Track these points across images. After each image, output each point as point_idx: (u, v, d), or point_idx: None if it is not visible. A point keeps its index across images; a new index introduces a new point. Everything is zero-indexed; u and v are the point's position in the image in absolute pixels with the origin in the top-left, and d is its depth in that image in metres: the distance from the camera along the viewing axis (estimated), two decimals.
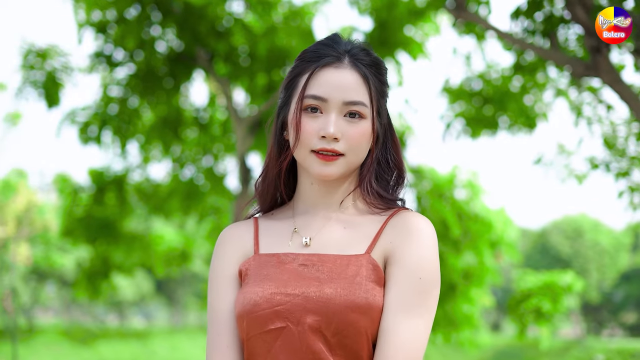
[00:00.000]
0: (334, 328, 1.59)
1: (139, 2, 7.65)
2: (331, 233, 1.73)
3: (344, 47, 1.75)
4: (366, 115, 1.70)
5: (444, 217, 7.56)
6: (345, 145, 1.69)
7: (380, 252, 1.65)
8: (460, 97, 7.32)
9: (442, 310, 7.48)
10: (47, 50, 8.57)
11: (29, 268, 34.91)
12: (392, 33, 7.44)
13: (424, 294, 1.60)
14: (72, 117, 8.83)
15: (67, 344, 32.66)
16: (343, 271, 1.63)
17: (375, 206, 1.74)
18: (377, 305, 1.59)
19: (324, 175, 1.71)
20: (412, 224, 1.65)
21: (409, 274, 1.60)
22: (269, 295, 1.67)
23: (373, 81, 1.73)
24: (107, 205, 9.52)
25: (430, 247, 1.63)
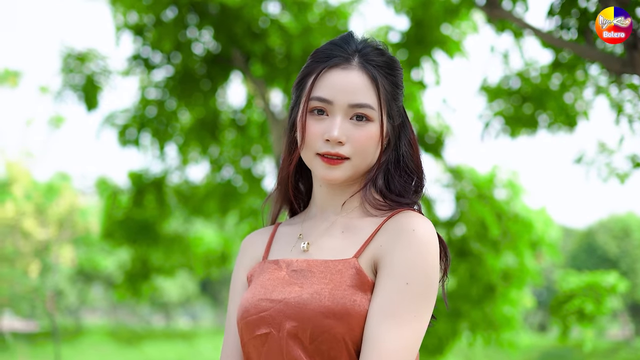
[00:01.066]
0: (309, 334, 1.56)
1: (176, 4, 7.67)
2: (330, 237, 1.70)
3: (354, 47, 1.70)
4: (374, 118, 1.66)
5: (483, 218, 7.47)
6: (351, 148, 1.65)
7: (370, 256, 1.60)
8: (499, 96, 7.22)
9: (482, 311, 7.39)
10: (86, 54, 8.66)
11: (75, 269, 35.38)
12: (428, 32, 7.37)
13: (411, 300, 1.53)
14: (111, 120, 8.90)
15: (113, 344, 33.04)
16: (325, 276, 1.60)
17: (378, 208, 1.68)
18: (356, 312, 1.54)
19: (329, 179, 1.68)
20: (404, 226, 1.59)
21: (395, 279, 1.54)
22: (256, 302, 1.66)
23: (383, 82, 1.68)
24: (147, 207, 9.58)
25: (420, 250, 1.56)
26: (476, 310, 7.39)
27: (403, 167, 1.74)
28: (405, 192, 1.74)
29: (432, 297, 1.56)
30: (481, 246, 7.53)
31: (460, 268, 7.54)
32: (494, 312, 7.41)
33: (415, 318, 1.53)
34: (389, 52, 1.75)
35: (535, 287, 8.98)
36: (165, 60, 8.35)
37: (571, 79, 6.74)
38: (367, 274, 1.59)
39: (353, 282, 1.57)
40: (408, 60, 7.59)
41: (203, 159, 9.57)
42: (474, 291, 7.35)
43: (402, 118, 1.76)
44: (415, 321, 1.53)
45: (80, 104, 8.72)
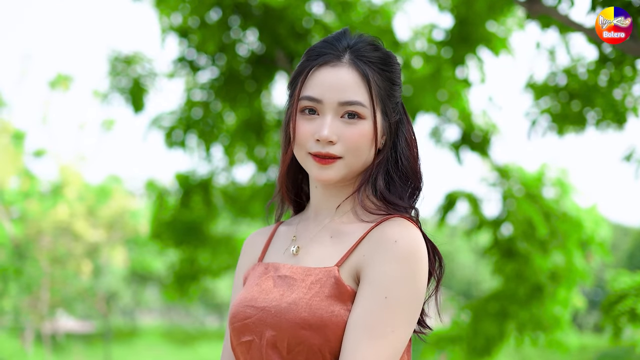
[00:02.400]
0: (287, 344, 1.54)
1: (219, 5, 7.71)
2: (318, 242, 1.67)
3: (345, 44, 1.67)
4: (366, 115, 1.62)
5: (530, 217, 7.36)
6: (343, 147, 1.62)
7: (352, 265, 1.57)
8: (545, 93, 7.10)
9: (529, 312, 7.29)
10: (132, 57, 8.75)
11: (129, 271, 35.82)
12: (472, 29, 7.29)
13: (389, 315, 1.49)
14: (157, 122, 8.97)
15: (167, 345, 33.40)
16: (306, 285, 1.57)
17: (371, 213, 1.64)
18: (333, 323, 1.51)
19: (322, 179, 1.64)
20: (386, 236, 1.54)
21: (374, 292, 1.50)
22: (242, 308, 1.65)
23: (375, 79, 1.64)
24: (194, 209, 9.63)
25: (401, 263, 1.51)
26: (523, 311, 7.29)
27: (402, 167, 1.69)
28: (403, 195, 1.68)
29: (413, 311, 1.52)
30: (528, 246, 7.42)
31: (506, 268, 7.45)
32: (542, 312, 7.31)
33: (392, 333, 1.49)
34: (383, 48, 1.72)
35: (585, 287, 8.83)
36: (210, 62, 8.39)
37: (619, 74, 6.60)
38: (348, 283, 1.55)
39: (332, 292, 1.53)
40: (452, 58, 7.52)
41: (249, 160, 9.60)
42: (521, 291, 7.25)
43: (400, 115, 1.71)
44: (393, 336, 1.49)
45: (127, 107, 8.82)
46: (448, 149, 8.68)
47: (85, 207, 27.41)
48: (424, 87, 7.78)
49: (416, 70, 8.02)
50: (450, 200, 7.79)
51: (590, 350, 29.40)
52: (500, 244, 7.60)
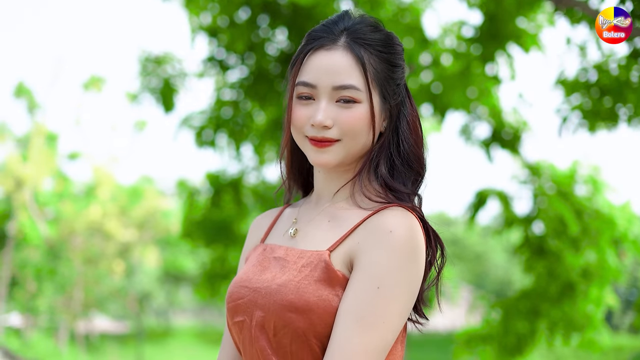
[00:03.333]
0: (273, 326, 1.53)
1: (248, 5, 7.73)
2: (316, 226, 1.67)
3: (342, 26, 1.64)
4: (361, 99, 1.60)
5: (562, 215, 7.30)
6: (339, 131, 1.60)
7: (346, 251, 1.55)
8: (576, 90, 7.03)
9: (561, 310, 7.22)
10: (162, 57, 8.81)
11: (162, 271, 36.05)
12: (502, 26, 7.24)
13: (381, 305, 1.47)
14: (188, 121, 9.02)
15: (200, 345, 33.56)
16: (297, 268, 1.56)
17: (370, 199, 1.62)
18: (320, 307, 1.50)
19: (319, 163, 1.63)
20: (382, 225, 1.52)
21: (366, 281, 1.48)
22: (237, 288, 1.66)
23: (372, 61, 1.62)
24: (224, 208, 9.66)
25: (395, 253, 1.50)
26: (555, 309, 7.22)
27: (404, 152, 1.66)
28: (407, 181, 1.66)
29: (405, 303, 1.51)
30: (560, 244, 7.35)
31: (538, 266, 7.38)
32: (574, 311, 7.23)
33: (383, 324, 1.48)
34: (384, 29, 1.69)
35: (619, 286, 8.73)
36: (240, 61, 8.41)
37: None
38: (340, 269, 1.54)
39: (321, 276, 1.52)
40: (482, 55, 7.47)
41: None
42: (552, 290, 7.18)
43: (402, 97, 1.68)
44: (384, 327, 1.48)
45: (158, 107, 8.88)
46: (478, 147, 8.63)
47: (117, 208, 27.65)
48: (454, 85, 7.74)
49: (446, 68, 7.98)
50: (481, 198, 7.75)
51: (626, 351, 29.12)
52: (531, 242, 7.53)
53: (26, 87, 33.87)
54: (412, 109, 1.71)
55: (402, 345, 1.63)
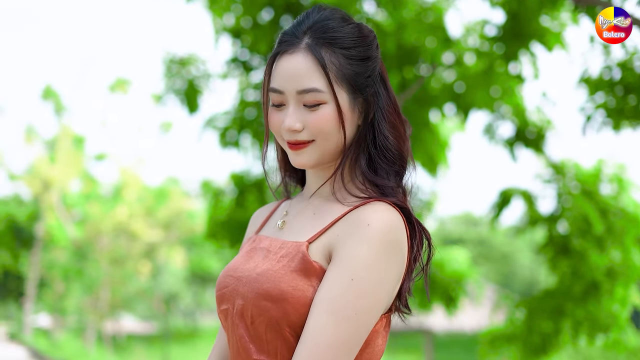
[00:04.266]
0: (250, 314, 1.57)
1: (271, 6, 7.76)
2: (301, 218, 1.71)
3: (306, 26, 1.65)
4: (326, 99, 1.61)
5: (586, 214, 7.26)
6: (309, 133, 1.62)
7: (325, 243, 1.57)
8: (600, 88, 6.99)
9: (585, 310, 7.18)
10: (187, 59, 8.87)
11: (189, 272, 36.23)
12: (525, 24, 7.22)
13: (354, 298, 1.49)
14: (212, 122, 9.07)
15: None
16: (277, 258, 1.60)
17: (351, 195, 1.65)
18: (294, 297, 1.53)
19: (298, 164, 1.67)
20: (361, 219, 1.54)
21: (341, 273, 1.50)
22: (223, 277, 1.70)
23: (334, 59, 1.62)
24: (248, 208, 9.70)
25: (371, 246, 1.51)
26: (579, 309, 7.18)
27: (380, 144, 1.67)
28: (390, 173, 1.68)
29: (380, 296, 1.52)
30: (584, 243, 7.31)
31: (562, 265, 7.35)
32: (599, 310, 7.18)
33: (356, 316, 1.49)
34: (352, 22, 1.69)
35: None
36: (263, 62, 8.45)
37: None
38: (317, 260, 1.56)
39: (298, 267, 1.55)
40: (505, 54, 7.45)
41: None
42: (576, 289, 7.15)
43: (375, 89, 1.68)
44: (356, 319, 1.49)
45: (182, 108, 8.94)
46: (502, 146, 8.61)
47: (143, 208, 27.84)
48: (477, 84, 7.73)
49: (468, 67, 7.97)
50: (505, 197, 7.73)
51: None
52: (556, 241, 7.50)
53: (53, 90, 34.19)
54: (388, 99, 1.71)
55: (383, 339, 1.64)
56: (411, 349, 30.38)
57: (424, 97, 8.45)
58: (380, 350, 1.64)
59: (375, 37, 1.74)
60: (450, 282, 9.38)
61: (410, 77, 8.26)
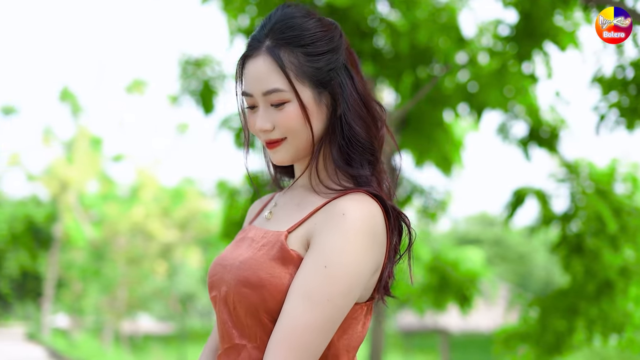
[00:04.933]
0: (232, 300, 1.64)
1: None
2: (286, 209, 1.77)
3: (269, 27, 1.71)
4: (289, 98, 1.67)
5: (600, 213, 7.26)
6: (280, 132, 1.69)
7: (304, 233, 1.63)
8: (613, 87, 6.99)
9: (599, 309, 7.18)
10: (202, 60, 8.93)
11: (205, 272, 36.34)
12: (538, 24, 7.23)
13: (326, 284, 1.54)
14: (227, 123, 9.12)
15: None
16: (258, 246, 1.66)
17: (327, 187, 1.71)
18: (271, 284, 1.58)
19: (276, 161, 1.75)
20: (336, 209, 1.60)
21: (315, 260, 1.56)
22: (213, 265, 1.78)
23: (292, 58, 1.68)
24: None
25: (345, 235, 1.56)
26: (593, 308, 7.18)
27: (348, 134, 1.71)
28: (363, 162, 1.73)
29: (353, 282, 1.56)
30: (598, 242, 7.31)
31: (575, 264, 7.35)
32: (613, 309, 7.18)
33: (329, 301, 1.53)
34: (313, 17, 1.75)
35: None
36: None
37: None
38: (296, 249, 1.62)
39: (277, 255, 1.61)
40: (518, 53, 7.47)
41: None
42: (590, 288, 7.15)
43: (340, 81, 1.73)
44: (329, 305, 1.54)
45: (198, 109, 9.00)
46: (516, 146, 8.63)
47: (159, 209, 27.97)
48: (490, 83, 7.75)
49: (482, 67, 7.99)
50: (518, 197, 7.73)
51: None
52: (569, 240, 7.51)
53: (71, 92, 34.41)
54: (353, 90, 1.74)
55: (364, 326, 1.69)
56: (427, 350, 30.38)
57: (438, 97, 8.48)
58: (360, 336, 1.68)
59: (336, 29, 1.79)
60: (464, 281, 9.40)
61: (424, 78, 8.30)
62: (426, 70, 8.30)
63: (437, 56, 7.88)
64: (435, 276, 9.54)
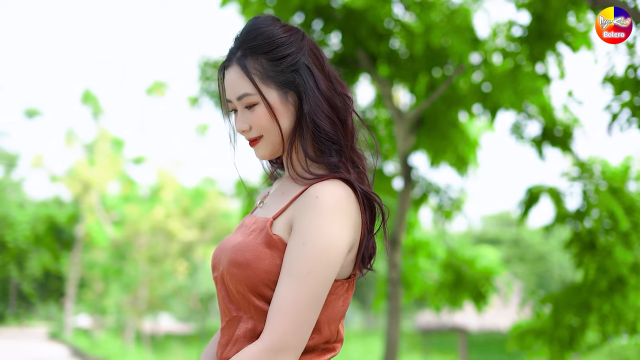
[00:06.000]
0: (227, 279, 1.87)
1: (302, 10, 7.94)
2: (274, 198, 2.00)
3: (240, 39, 1.95)
4: (257, 100, 1.90)
5: (613, 211, 7.35)
6: (255, 131, 1.92)
7: (287, 218, 1.84)
8: (625, 87, 7.07)
9: (611, 305, 7.27)
10: (220, 62, 9.08)
11: None
12: (550, 25, 7.34)
13: (306, 260, 1.74)
14: None
15: None
16: (249, 231, 1.89)
17: (302, 177, 1.91)
18: (256, 265, 1.81)
19: (258, 157, 1.99)
20: (311, 193, 1.80)
21: (296, 240, 1.77)
22: (215, 250, 2.02)
23: (257, 65, 1.91)
24: None
25: (320, 215, 1.76)
26: (605, 304, 7.27)
27: (314, 127, 1.91)
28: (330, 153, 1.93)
29: (330, 257, 1.76)
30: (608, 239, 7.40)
31: (587, 261, 7.44)
32: (625, 305, 7.26)
33: (309, 275, 1.74)
34: (276, 26, 1.95)
35: None
36: None
37: None
38: (280, 234, 1.83)
39: (263, 240, 1.82)
40: (530, 54, 7.57)
41: None
42: (602, 284, 7.24)
43: (303, 80, 1.92)
44: (310, 278, 1.74)
45: (217, 110, 9.17)
46: (530, 145, 8.73)
47: (180, 209, 28.18)
48: (504, 84, 7.86)
49: (496, 67, 8.09)
50: (532, 195, 7.82)
51: None
52: (582, 237, 7.60)
53: (92, 94, 34.74)
54: (315, 88, 1.92)
55: (345, 302, 1.90)
56: (446, 350, 30.40)
57: (453, 97, 8.60)
58: (341, 311, 1.89)
59: (297, 33, 1.98)
60: (479, 278, 9.52)
61: (439, 78, 8.43)
62: (441, 71, 8.43)
63: (451, 57, 8.00)
64: (450, 274, 9.67)
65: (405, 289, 10.27)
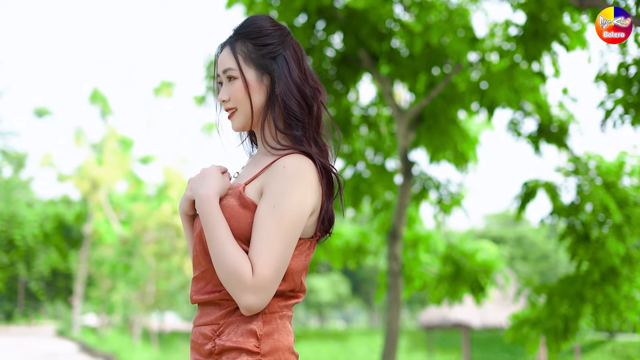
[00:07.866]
0: (203, 235, 2.18)
1: (305, 11, 8.15)
2: (248, 168, 2.31)
3: (235, 29, 2.30)
4: (237, 75, 2.23)
5: (606, 204, 7.52)
6: (232, 102, 2.24)
7: (257, 186, 2.15)
8: (618, 85, 7.27)
9: (603, 295, 7.46)
10: None
11: None
12: (545, 25, 7.53)
13: (275, 218, 2.06)
14: None
15: None
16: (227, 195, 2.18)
17: (273, 148, 2.22)
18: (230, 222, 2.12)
19: (232, 129, 2.30)
20: (279, 163, 2.12)
21: (266, 202, 2.09)
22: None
23: (242, 47, 2.25)
24: None
25: (287, 181, 2.09)
26: (598, 294, 7.46)
27: (284, 107, 2.22)
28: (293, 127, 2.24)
29: (295, 216, 2.08)
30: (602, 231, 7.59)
31: (581, 252, 7.62)
32: (618, 295, 7.44)
33: (279, 229, 2.06)
34: (266, 21, 2.29)
35: None
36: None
37: None
38: (251, 197, 2.13)
39: (237, 202, 2.14)
40: (526, 53, 7.76)
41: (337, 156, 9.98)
42: (595, 275, 7.42)
43: (278, 66, 2.25)
44: (280, 233, 2.06)
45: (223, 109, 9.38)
46: (526, 142, 8.92)
47: None
48: (501, 81, 8.05)
49: (493, 65, 8.29)
50: (529, 189, 7.98)
51: None
52: (576, 229, 7.78)
53: (100, 93, 34.99)
54: (288, 76, 2.25)
55: (306, 257, 2.20)
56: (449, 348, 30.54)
57: (452, 95, 8.82)
58: (303, 264, 2.19)
59: (283, 30, 2.30)
60: (478, 271, 9.74)
61: (439, 76, 8.65)
62: (440, 70, 8.65)
63: (450, 56, 8.20)
64: (449, 266, 9.88)
65: (406, 282, 10.48)
